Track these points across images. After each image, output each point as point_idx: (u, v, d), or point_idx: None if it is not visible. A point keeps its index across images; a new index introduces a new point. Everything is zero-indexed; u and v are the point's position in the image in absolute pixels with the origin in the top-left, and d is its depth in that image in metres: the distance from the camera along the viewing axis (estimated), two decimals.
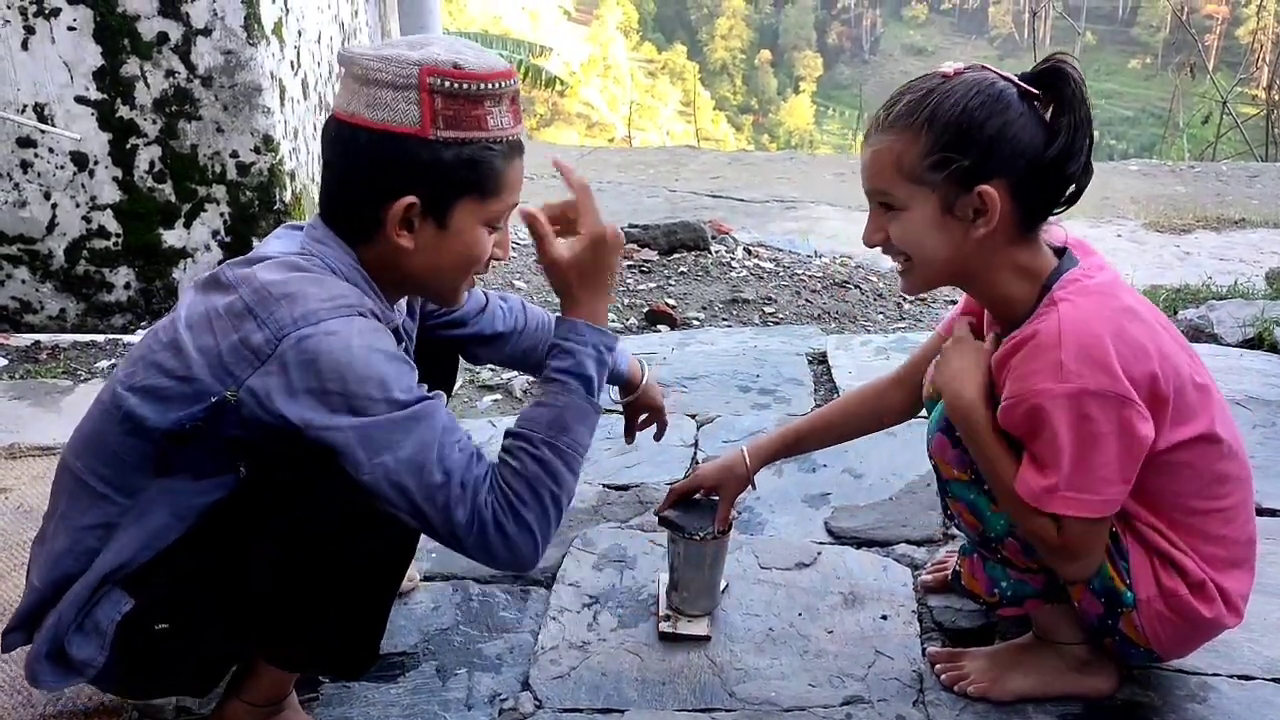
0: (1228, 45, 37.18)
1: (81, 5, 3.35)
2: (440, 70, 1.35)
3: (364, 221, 1.43)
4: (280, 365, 1.31)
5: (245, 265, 1.42)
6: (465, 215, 1.43)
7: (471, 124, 1.38)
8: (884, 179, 1.51)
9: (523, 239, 4.84)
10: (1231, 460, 1.56)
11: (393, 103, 1.36)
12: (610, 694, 1.75)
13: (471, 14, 36.16)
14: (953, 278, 1.58)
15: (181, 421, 1.35)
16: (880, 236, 1.56)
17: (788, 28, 63.55)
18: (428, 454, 1.34)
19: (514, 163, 1.46)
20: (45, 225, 3.56)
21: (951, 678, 1.74)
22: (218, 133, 3.50)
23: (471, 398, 3.09)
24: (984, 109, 1.44)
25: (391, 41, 1.42)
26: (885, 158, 1.50)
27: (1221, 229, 5.68)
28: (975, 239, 1.48)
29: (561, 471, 1.43)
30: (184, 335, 1.37)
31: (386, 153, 1.37)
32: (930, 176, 1.47)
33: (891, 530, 2.23)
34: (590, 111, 47.27)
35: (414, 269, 1.47)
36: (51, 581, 1.43)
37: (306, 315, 1.33)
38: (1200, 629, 1.59)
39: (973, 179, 1.45)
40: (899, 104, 1.50)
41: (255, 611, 1.41)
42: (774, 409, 2.92)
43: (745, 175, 7.42)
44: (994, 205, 1.45)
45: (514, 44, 11.99)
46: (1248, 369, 3.06)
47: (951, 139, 1.45)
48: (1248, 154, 9.80)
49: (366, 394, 1.32)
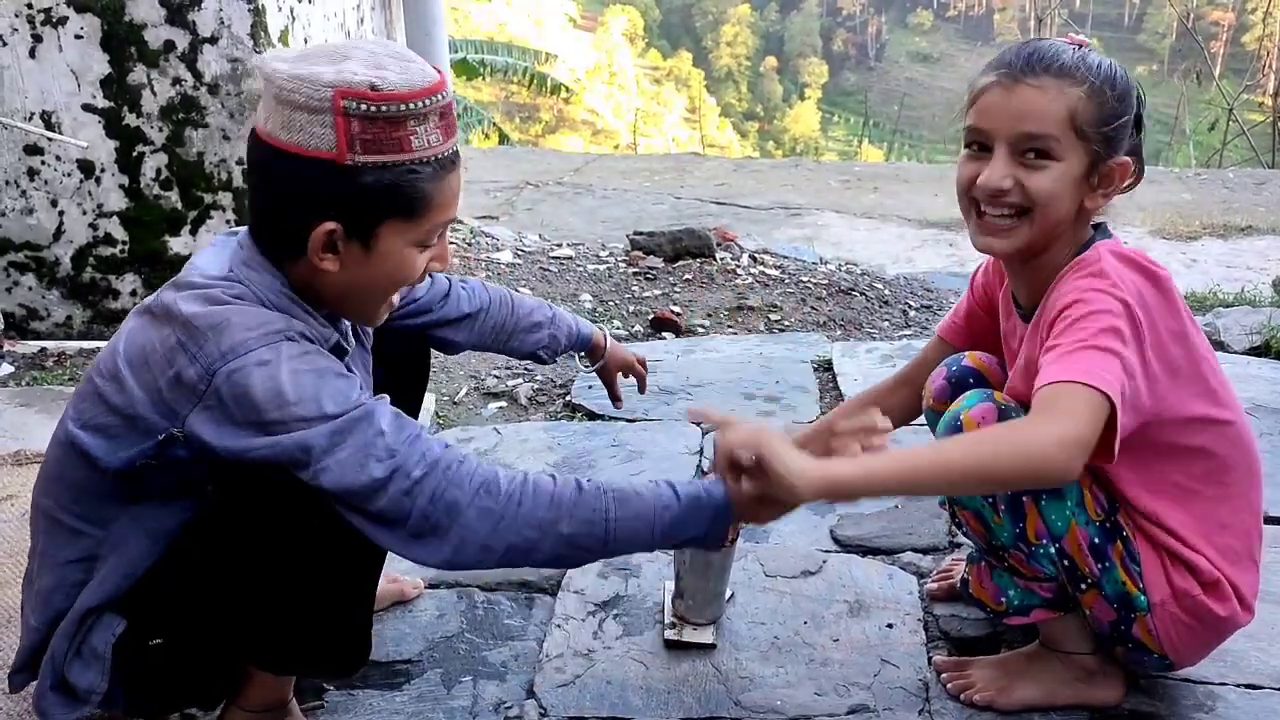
0: (1234, 52, 37.16)
1: (89, 14, 3.36)
2: (355, 93, 1.28)
3: (288, 242, 1.37)
4: (217, 400, 1.29)
5: (173, 290, 1.37)
6: (391, 238, 1.37)
7: (393, 147, 1.31)
8: (1052, 124, 1.46)
9: (527, 247, 4.85)
10: (1239, 447, 1.56)
11: (307, 126, 1.29)
12: (615, 702, 1.75)
13: (477, 21, 36.25)
14: (1051, 240, 1.54)
15: (132, 460, 1.34)
16: (1010, 184, 1.48)
17: (793, 34, 63.66)
18: (367, 450, 1.30)
19: (444, 180, 1.38)
20: (52, 232, 3.57)
21: (957, 686, 1.74)
22: (224, 140, 3.51)
23: (476, 405, 3.09)
24: (1126, 78, 1.49)
25: (310, 53, 1.34)
26: (1058, 104, 1.45)
27: (1228, 236, 5.67)
28: (1090, 206, 1.52)
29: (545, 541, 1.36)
30: (124, 370, 1.35)
31: (303, 177, 1.31)
32: (1098, 131, 1.46)
33: (897, 538, 2.23)
34: (595, 118, 47.35)
35: (340, 290, 1.41)
36: (46, 620, 1.43)
37: (235, 347, 1.29)
38: (1215, 630, 1.58)
39: (1119, 146, 1.49)
40: (1064, 55, 1.47)
41: (238, 618, 1.40)
42: (779, 416, 2.92)
43: (750, 182, 7.42)
44: (1124, 179, 1.51)
45: (519, 51, 12.03)
46: (1254, 376, 3.05)
47: (1119, 98, 1.47)
48: (1254, 161, 9.79)
49: (301, 415, 1.28)
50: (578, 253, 4.72)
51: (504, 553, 1.35)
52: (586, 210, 6.39)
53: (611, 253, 4.69)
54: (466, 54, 10.45)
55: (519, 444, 2.75)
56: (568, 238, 5.14)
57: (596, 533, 1.37)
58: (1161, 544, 1.54)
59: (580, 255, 4.69)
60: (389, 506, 1.31)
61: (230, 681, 1.56)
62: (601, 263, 4.56)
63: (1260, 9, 21.10)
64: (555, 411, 3.04)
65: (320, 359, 1.35)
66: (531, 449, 2.72)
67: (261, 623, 1.41)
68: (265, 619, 1.41)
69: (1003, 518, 1.55)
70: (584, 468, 2.60)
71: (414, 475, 1.31)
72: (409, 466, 1.31)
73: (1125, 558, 1.54)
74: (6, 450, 2.64)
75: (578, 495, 1.37)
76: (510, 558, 1.37)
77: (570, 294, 4.14)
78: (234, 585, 1.38)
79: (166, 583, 1.39)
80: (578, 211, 6.36)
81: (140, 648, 1.39)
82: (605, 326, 3.70)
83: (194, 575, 1.39)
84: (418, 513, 1.31)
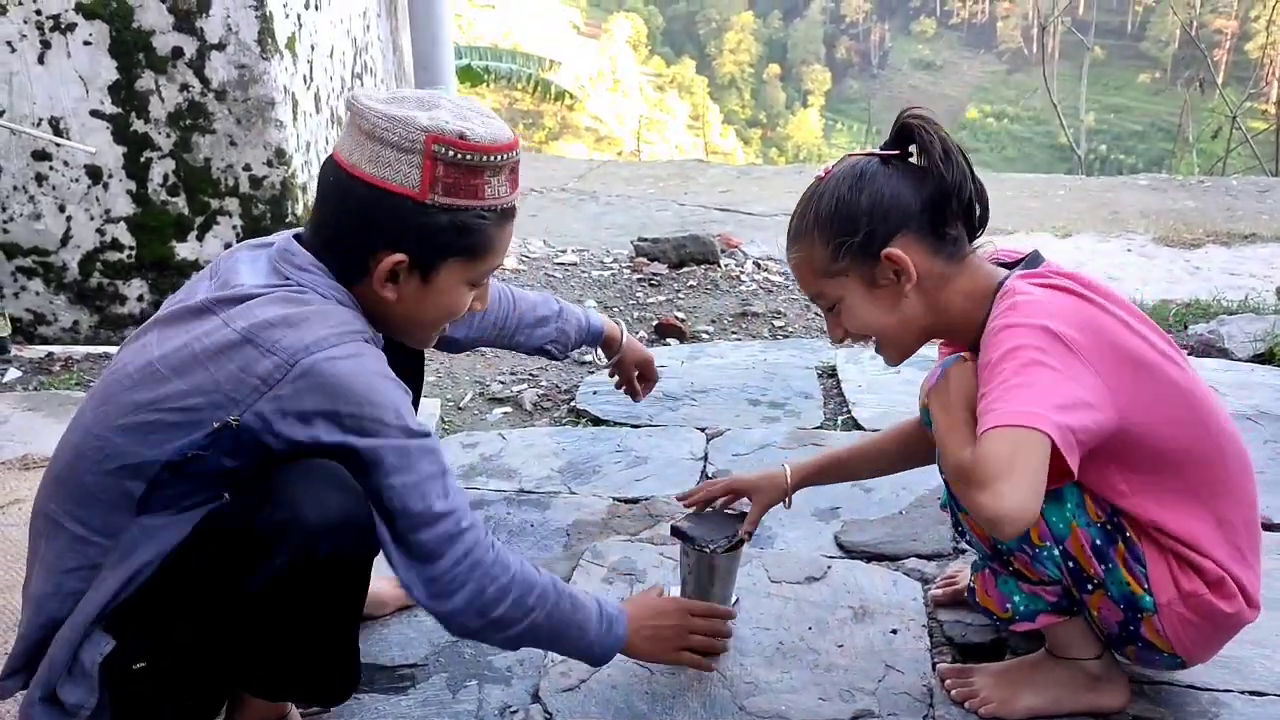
0: (1237, 60, 37.18)
1: (97, 20, 3.38)
2: (446, 139, 1.38)
3: (351, 265, 1.46)
4: (293, 389, 1.33)
5: (228, 301, 1.40)
6: (450, 275, 1.48)
7: (469, 193, 1.42)
8: (810, 285, 1.66)
9: (532, 253, 4.86)
10: (1223, 437, 1.56)
11: (395, 163, 1.39)
12: (620, 707, 1.75)
13: (481, 29, 36.32)
14: (921, 334, 1.66)
15: (183, 450, 1.35)
16: (840, 333, 1.68)
17: (796, 42, 63.71)
18: (433, 483, 1.40)
19: (505, 228, 1.50)
20: (60, 238, 3.59)
21: (962, 694, 1.74)
22: (231, 146, 3.52)
23: (481, 410, 3.10)
24: (852, 189, 1.58)
25: (402, 96, 1.44)
26: (802, 267, 1.65)
27: (1231, 244, 5.66)
28: (909, 296, 1.58)
29: (519, 624, 1.51)
30: (164, 370, 1.36)
31: (382, 209, 1.40)
32: (839, 265, 1.59)
33: (901, 544, 2.23)
34: (599, 125, 47.41)
35: (393, 316, 1.51)
36: (39, 626, 1.42)
37: (318, 341, 1.35)
38: (1222, 627, 1.59)
39: (874, 248, 1.56)
40: (795, 222, 1.65)
41: (227, 644, 1.40)
42: (784, 422, 2.92)
43: (754, 189, 7.41)
44: (904, 261, 1.55)
45: (523, 58, 12.04)
46: (1259, 384, 3.05)
47: (838, 227, 1.58)
48: (1258, 169, 9.79)
49: (380, 418, 1.36)
50: (582, 259, 4.73)
51: (489, 625, 1.50)
52: (591, 217, 6.39)
53: (616, 259, 4.70)
54: (471, 60, 10.46)
55: (524, 449, 2.76)
56: (572, 244, 5.15)
57: (561, 631, 1.57)
58: (1168, 548, 1.55)
59: (585, 261, 4.70)
60: (431, 541, 1.41)
61: (220, 702, 1.56)
62: (606, 269, 4.57)
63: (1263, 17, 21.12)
64: (560, 417, 3.05)
65: (390, 370, 1.43)
66: (537, 454, 2.73)
67: (249, 652, 1.42)
68: (252, 648, 1.41)
69: None
70: (589, 473, 2.61)
71: (463, 524, 1.43)
72: (460, 514, 1.43)
73: (1128, 558, 1.55)
74: (13, 454, 2.65)
75: (555, 591, 1.55)
76: (490, 633, 1.53)
77: (575, 300, 4.15)
78: (223, 613, 1.37)
79: (158, 604, 1.38)
80: (582, 218, 6.36)
81: (127, 668, 1.38)
82: None
83: (185, 599, 1.38)
84: (450, 559, 1.42)
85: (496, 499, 2.50)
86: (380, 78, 4.59)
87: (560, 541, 2.31)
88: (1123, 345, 1.46)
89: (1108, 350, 1.45)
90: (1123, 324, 1.49)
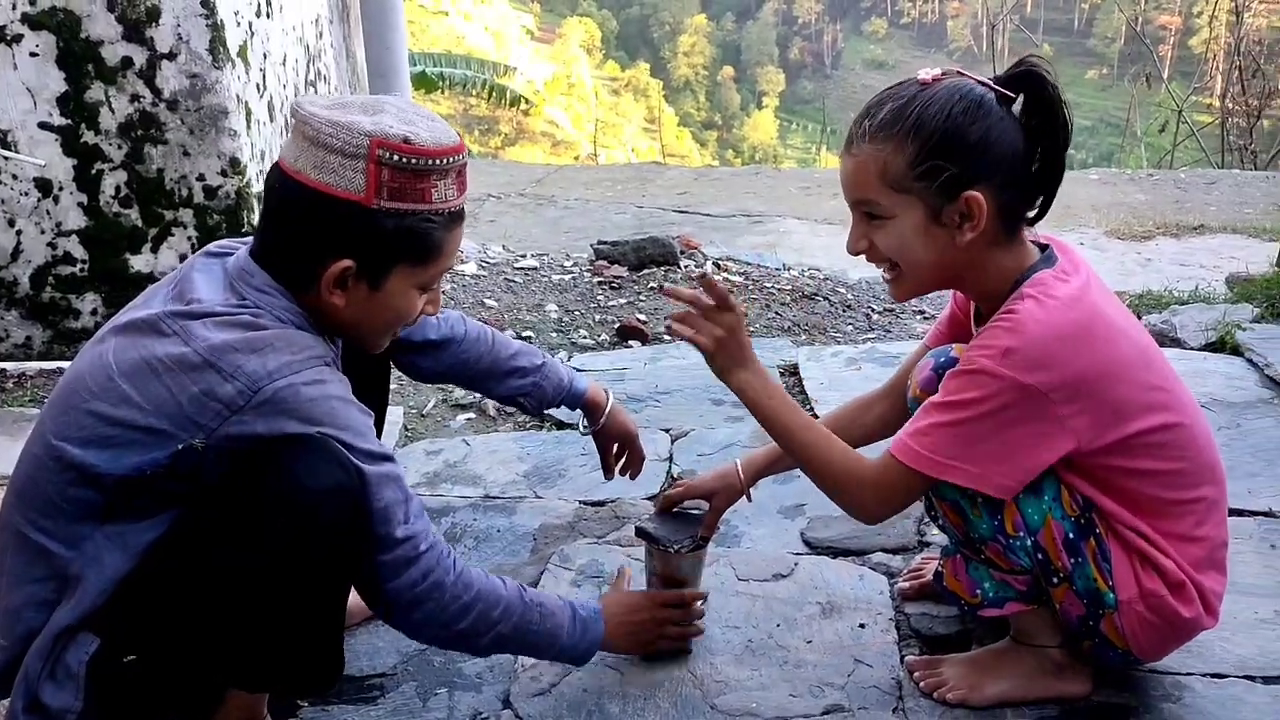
0: (1182, 55, 37.78)
1: (44, 31, 3.32)
2: (390, 144, 1.38)
3: (299, 273, 1.46)
4: (258, 413, 1.35)
5: (185, 315, 1.40)
6: (399, 280, 1.48)
7: (416, 197, 1.42)
8: (869, 188, 1.51)
9: (491, 258, 4.84)
10: (1198, 453, 1.59)
11: (340, 168, 1.38)
12: (592, 709, 1.75)
13: (435, 34, 36.15)
14: (942, 282, 1.61)
15: (141, 467, 1.35)
16: (864, 245, 1.56)
17: (750, 44, 64.07)
18: (395, 510, 1.43)
19: (454, 231, 1.50)
20: (9, 252, 3.52)
21: (930, 684, 1.75)
22: (184, 156, 3.47)
23: (444, 416, 3.09)
24: (967, 115, 1.46)
25: (346, 101, 1.44)
26: (870, 167, 1.50)
27: (1181, 235, 5.76)
28: (961, 244, 1.50)
29: (485, 636, 1.57)
30: (123, 383, 1.36)
31: (328, 215, 1.40)
32: (917, 185, 1.48)
33: (867, 539, 2.25)
34: (555, 130, 47.33)
35: (343, 322, 1.52)
36: (18, 638, 1.42)
37: (281, 367, 1.36)
38: (1178, 630, 1.61)
39: (959, 186, 1.46)
40: (881, 112, 1.50)
41: (211, 634, 1.40)
42: (747, 421, 2.93)
43: (711, 190, 7.44)
44: (980, 211, 1.47)
45: (478, 64, 12.00)
46: (1211, 372, 3.11)
47: (937, 146, 1.45)
48: (1204, 161, 9.95)
49: (348, 442, 1.39)
50: (542, 263, 4.72)
51: (455, 637, 1.57)
52: (550, 221, 6.38)
53: (576, 263, 4.70)
54: (425, 67, 10.41)
55: (488, 455, 2.75)
56: (532, 249, 5.14)
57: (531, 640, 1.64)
58: (1134, 545, 1.56)
59: (545, 266, 4.69)
60: (389, 564, 1.45)
61: (205, 700, 1.55)
62: (566, 273, 4.56)
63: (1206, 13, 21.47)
64: (524, 422, 3.04)
65: (352, 395, 1.45)
66: (501, 459, 2.72)
67: (234, 640, 1.41)
68: (238, 636, 1.41)
69: (981, 510, 1.57)
70: (554, 477, 2.61)
71: (421, 548, 1.46)
72: (419, 539, 1.46)
73: (1097, 555, 1.56)
74: None
75: (522, 603, 1.60)
76: (457, 645, 1.60)
77: (536, 304, 4.15)
78: (206, 602, 1.37)
79: (139, 599, 1.38)
80: (541, 222, 6.35)
81: (114, 666, 1.38)
82: (574, 335, 3.71)
83: (167, 591, 1.38)
84: (407, 580, 1.46)
85: (462, 505, 2.48)
86: (334, 85, 4.55)
87: (527, 546, 2.30)
88: (1101, 382, 1.48)
89: (1094, 379, 1.47)
90: (1115, 358, 1.50)
